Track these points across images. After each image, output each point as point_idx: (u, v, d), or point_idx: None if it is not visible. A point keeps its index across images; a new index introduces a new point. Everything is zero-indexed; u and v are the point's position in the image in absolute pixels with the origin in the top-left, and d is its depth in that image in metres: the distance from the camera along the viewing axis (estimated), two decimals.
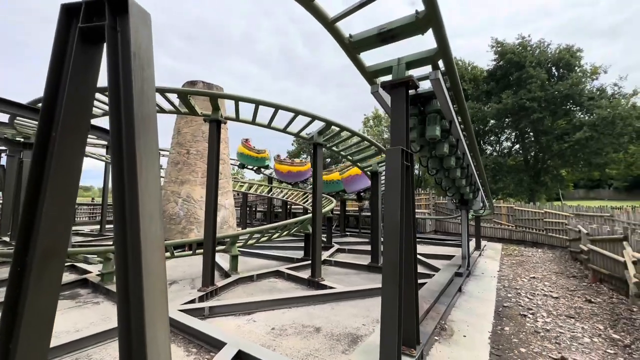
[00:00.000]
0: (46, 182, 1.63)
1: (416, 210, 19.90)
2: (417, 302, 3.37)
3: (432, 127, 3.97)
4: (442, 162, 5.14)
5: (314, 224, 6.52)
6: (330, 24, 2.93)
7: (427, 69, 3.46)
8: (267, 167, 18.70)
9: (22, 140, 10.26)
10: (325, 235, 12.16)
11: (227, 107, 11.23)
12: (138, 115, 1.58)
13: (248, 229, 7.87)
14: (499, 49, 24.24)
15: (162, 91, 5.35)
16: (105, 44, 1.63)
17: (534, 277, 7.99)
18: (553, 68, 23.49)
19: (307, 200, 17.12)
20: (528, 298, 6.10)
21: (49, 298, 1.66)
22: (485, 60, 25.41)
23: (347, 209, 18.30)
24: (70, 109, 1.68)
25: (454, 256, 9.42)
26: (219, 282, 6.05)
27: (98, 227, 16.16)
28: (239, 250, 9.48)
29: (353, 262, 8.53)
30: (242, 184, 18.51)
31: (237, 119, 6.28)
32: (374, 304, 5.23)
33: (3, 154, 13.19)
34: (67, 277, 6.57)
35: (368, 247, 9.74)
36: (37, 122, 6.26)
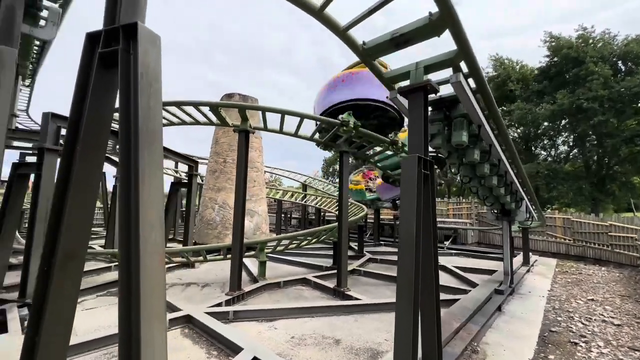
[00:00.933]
0: (70, 192, 1.82)
1: (457, 220, 18.76)
2: (438, 319, 3.14)
3: (458, 133, 3.74)
4: (475, 169, 4.81)
5: (340, 233, 6.44)
6: (342, 32, 2.92)
7: (449, 72, 3.28)
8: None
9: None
10: (356, 244, 11.96)
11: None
12: (143, 130, 1.70)
13: (276, 236, 8.03)
14: (552, 44, 22.18)
15: (196, 104, 5.73)
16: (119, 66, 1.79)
17: (592, 300, 7.01)
18: (619, 62, 20.88)
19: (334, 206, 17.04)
20: (582, 323, 5.36)
21: (70, 296, 1.84)
22: (534, 59, 23.34)
23: (381, 217, 17.81)
24: (92, 128, 1.86)
25: (496, 271, 8.64)
26: (247, 287, 6.22)
27: None
28: (269, 256, 9.74)
29: (384, 274, 8.22)
30: (277, 191, 19.01)
31: (265, 128, 6.50)
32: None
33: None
34: (114, 275, 7.24)
35: None
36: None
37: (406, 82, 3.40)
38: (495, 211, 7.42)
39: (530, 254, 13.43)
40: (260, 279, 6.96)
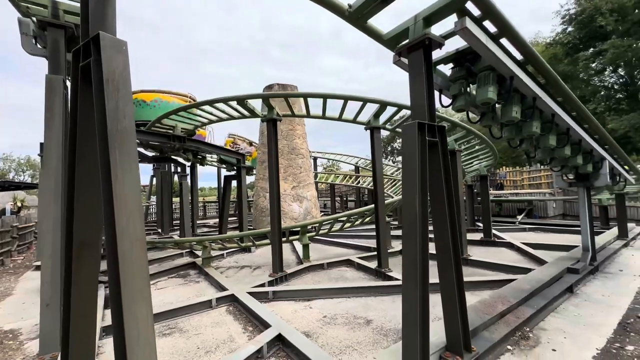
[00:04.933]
0: (77, 192, 2.11)
1: (533, 191, 16.42)
2: (462, 300, 2.83)
3: (483, 89, 3.21)
4: (521, 129, 4.08)
5: (377, 213, 6.22)
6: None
7: None
8: None
9: (158, 155, 13.44)
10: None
11: (302, 105, 11.82)
12: (113, 130, 1.86)
13: (316, 219, 8.15)
14: None
15: (225, 100, 6.05)
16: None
17: None
18: None
19: (393, 187, 16.42)
20: None
21: (90, 280, 2.17)
22: None
23: None
24: (86, 135, 2.13)
25: (576, 246, 7.35)
26: (290, 269, 6.53)
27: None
28: (319, 239, 10.00)
29: (432, 253, 7.70)
30: (328, 176, 19.17)
31: (292, 114, 6.54)
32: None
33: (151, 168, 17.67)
34: (184, 260, 8.33)
35: None
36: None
37: None
38: (567, 177, 6.23)
39: (635, 224, 11.09)
40: (304, 261, 7.22)
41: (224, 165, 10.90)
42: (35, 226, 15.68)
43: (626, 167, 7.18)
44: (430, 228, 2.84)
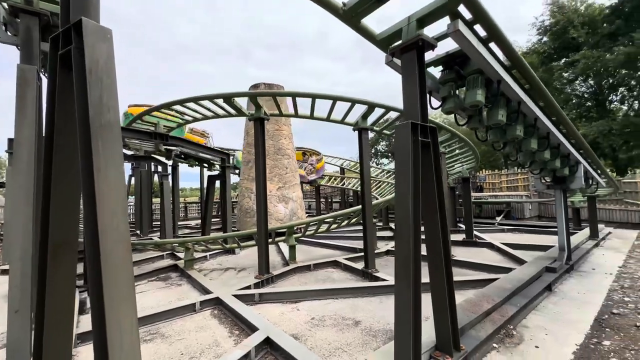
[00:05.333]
0: (53, 188, 1.96)
1: (511, 193, 17.08)
2: (452, 301, 2.86)
3: (472, 92, 3.27)
4: (505, 132, 4.20)
5: (364, 213, 6.24)
6: None
7: None
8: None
9: (137, 153, 12.95)
10: (394, 225, 11.60)
11: (289, 105, 11.72)
12: (96, 123, 1.74)
13: (302, 220, 8.09)
14: None
15: (211, 98, 5.89)
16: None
17: None
18: None
19: (377, 189, 16.60)
20: None
21: (67, 283, 2.02)
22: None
23: None
24: (65, 129, 1.99)
25: (552, 247, 7.68)
26: (276, 271, 6.43)
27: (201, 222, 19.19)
28: (305, 241, 9.93)
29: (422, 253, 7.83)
30: None
31: (280, 114, 6.46)
32: (429, 299, 4.71)
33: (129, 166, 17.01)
34: (165, 262, 8.03)
35: None
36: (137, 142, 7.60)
37: None
38: (545, 179, 6.50)
39: (603, 225, 11.75)
40: (291, 263, 7.13)
41: (206, 165, 10.61)
42: (1, 227, 14.68)
43: (598, 171, 7.59)
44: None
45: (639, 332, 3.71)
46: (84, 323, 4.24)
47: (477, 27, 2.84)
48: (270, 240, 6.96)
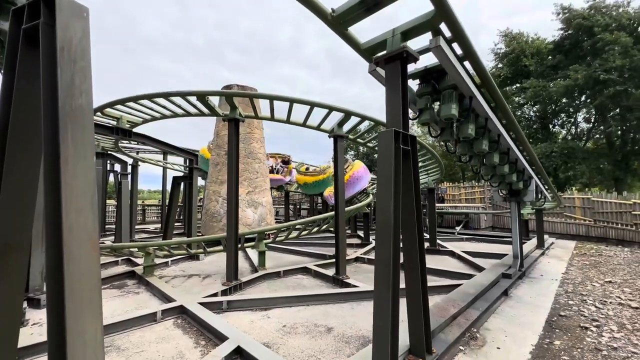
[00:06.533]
0: (4, 182, 1.72)
1: (469, 205, 18.20)
2: (426, 306, 2.95)
3: (447, 106, 3.46)
4: (472, 146, 4.50)
5: (337, 220, 6.27)
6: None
7: None
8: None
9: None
10: (362, 232, 11.80)
11: (263, 108, 11.55)
12: (65, 108, 1.56)
13: (273, 225, 7.95)
14: (565, 15, 20.73)
15: (183, 94, 5.62)
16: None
17: (610, 282, 6.58)
18: None
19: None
20: (596, 307, 5.01)
21: (15, 292, 1.77)
22: (552, 34, 21.82)
23: None
24: (23, 115, 1.76)
25: (506, 255, 8.29)
26: (245, 277, 6.19)
27: (160, 226, 18.03)
28: (275, 247, 9.72)
29: None
30: None
31: (256, 116, 6.34)
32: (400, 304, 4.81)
33: None
34: (120, 269, 7.39)
35: None
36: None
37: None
38: (503, 192, 7.04)
39: (547, 236, 12.94)
40: (260, 269, 6.93)
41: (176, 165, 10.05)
42: None
43: (546, 187, 8.39)
44: None
45: (583, 332, 4.10)
46: (23, 336, 3.72)
47: (455, 46, 3.03)
48: (239, 245, 6.71)
